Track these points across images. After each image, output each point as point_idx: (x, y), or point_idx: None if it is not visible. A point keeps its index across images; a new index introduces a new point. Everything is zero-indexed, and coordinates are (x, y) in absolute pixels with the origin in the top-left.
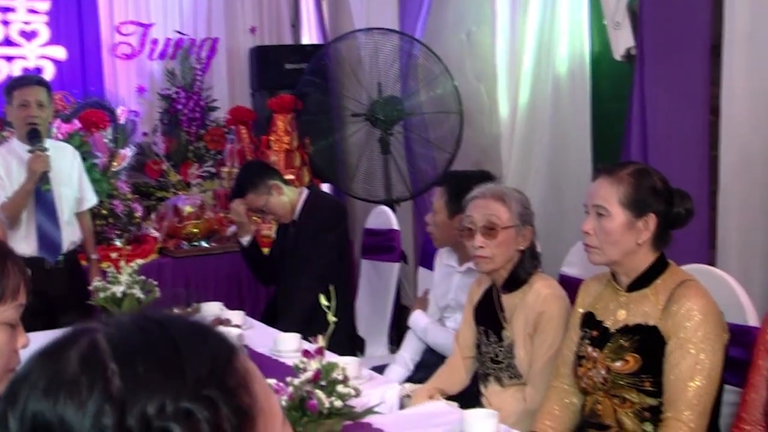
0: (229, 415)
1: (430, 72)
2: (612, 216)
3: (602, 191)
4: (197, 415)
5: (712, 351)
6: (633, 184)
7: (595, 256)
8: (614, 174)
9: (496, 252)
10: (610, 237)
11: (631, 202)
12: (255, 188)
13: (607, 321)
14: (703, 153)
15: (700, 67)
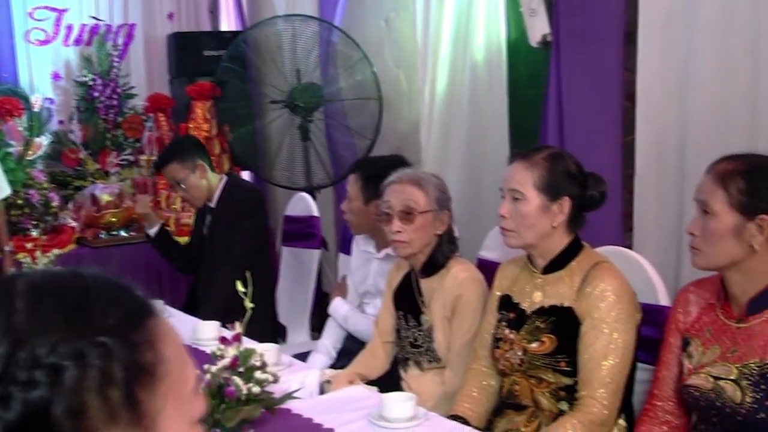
0: (124, 366)
1: (349, 58)
2: (527, 200)
3: (517, 175)
4: (89, 358)
5: (625, 330)
6: (547, 168)
7: (511, 240)
8: (529, 158)
9: (414, 236)
10: (526, 220)
11: (546, 185)
12: (182, 160)
13: (523, 303)
14: (617, 138)
15: (615, 54)
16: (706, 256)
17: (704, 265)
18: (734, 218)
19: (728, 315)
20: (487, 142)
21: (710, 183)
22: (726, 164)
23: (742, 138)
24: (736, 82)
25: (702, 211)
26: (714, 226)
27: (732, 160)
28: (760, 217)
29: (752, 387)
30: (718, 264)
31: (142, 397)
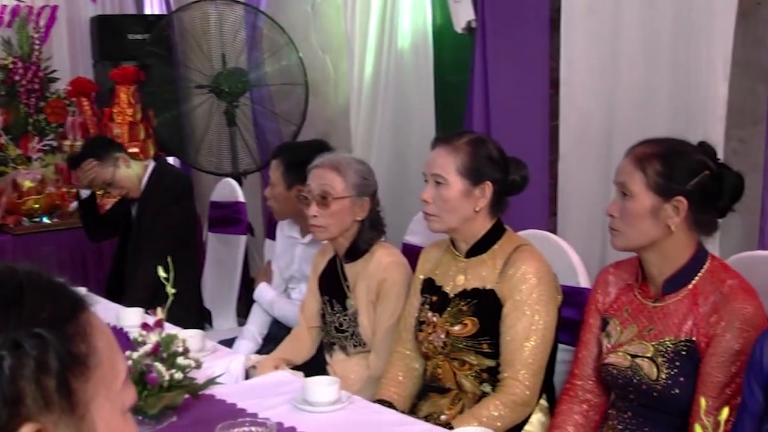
0: (58, 356)
1: (275, 43)
2: (450, 184)
3: (440, 160)
4: (25, 348)
5: (546, 312)
6: (470, 153)
7: (434, 224)
8: (451, 143)
9: (330, 221)
10: (448, 205)
11: (468, 170)
12: (100, 159)
13: (446, 286)
14: (543, 123)
15: (540, 40)
16: (625, 237)
17: (623, 246)
18: (652, 200)
19: (645, 295)
20: (413, 127)
21: (629, 165)
22: (644, 147)
23: (663, 123)
24: (658, 68)
25: (621, 193)
26: (632, 208)
27: (650, 143)
28: (676, 198)
29: (667, 364)
30: (637, 244)
31: (75, 386)
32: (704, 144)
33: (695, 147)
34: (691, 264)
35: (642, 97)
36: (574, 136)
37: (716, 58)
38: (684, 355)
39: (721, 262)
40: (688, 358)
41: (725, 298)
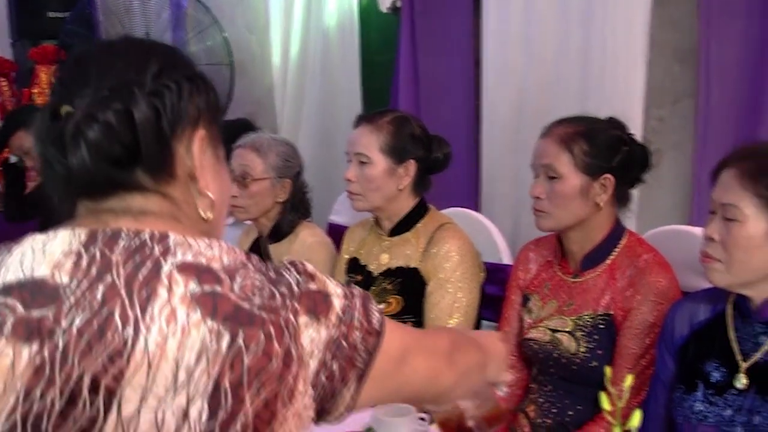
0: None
1: (200, 23)
2: (373, 163)
3: (363, 139)
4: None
5: (469, 289)
6: (393, 131)
7: (358, 203)
8: (374, 122)
9: (250, 202)
10: (372, 184)
11: (392, 149)
12: (27, 127)
13: (370, 265)
14: (468, 102)
15: (464, 19)
16: (555, 218)
17: (552, 227)
18: (580, 179)
19: (565, 271)
20: (339, 106)
21: (553, 146)
22: (565, 127)
23: (574, 103)
24: (572, 48)
25: (546, 175)
26: (561, 189)
27: (569, 123)
28: (603, 176)
29: (586, 337)
30: (566, 224)
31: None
32: (613, 119)
33: (607, 123)
34: (609, 240)
35: (555, 78)
36: (495, 115)
37: (635, 39)
38: (602, 329)
39: (638, 237)
40: (605, 331)
41: (641, 272)
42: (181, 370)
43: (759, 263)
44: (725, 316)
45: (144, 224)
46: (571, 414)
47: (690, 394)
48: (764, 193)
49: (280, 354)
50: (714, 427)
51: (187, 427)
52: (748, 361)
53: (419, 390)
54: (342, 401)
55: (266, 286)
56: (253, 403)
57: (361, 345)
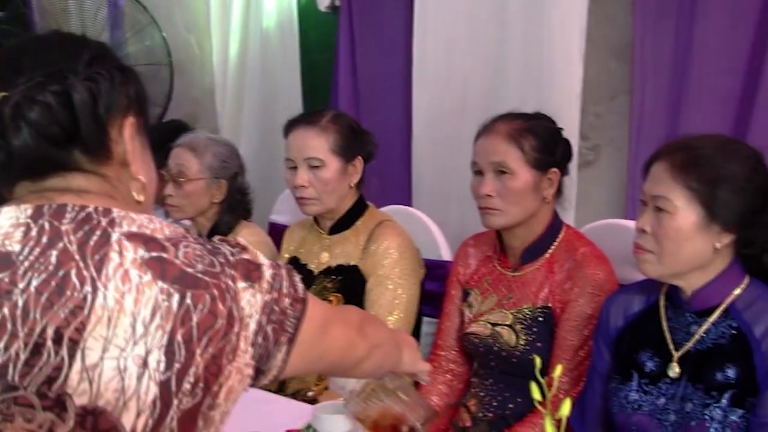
0: (137, 86)
1: (138, 22)
2: (327, 165)
3: (312, 142)
4: (128, 74)
5: (409, 286)
6: (339, 131)
7: (313, 207)
8: (317, 124)
9: (185, 202)
10: (329, 186)
11: (341, 148)
12: None
13: (311, 264)
14: (406, 101)
15: (401, 18)
16: (508, 215)
17: (504, 224)
18: (532, 175)
19: (504, 265)
20: (280, 106)
21: (502, 144)
22: (510, 124)
23: (513, 100)
24: (510, 45)
25: (496, 172)
26: (513, 185)
27: (512, 119)
28: (551, 170)
29: (525, 330)
30: (518, 220)
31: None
32: (541, 113)
33: (543, 117)
34: (548, 234)
35: (493, 75)
36: (427, 113)
37: (572, 35)
38: (541, 321)
39: (575, 231)
40: (544, 324)
41: (578, 265)
42: (138, 323)
43: (689, 254)
44: (658, 307)
45: (86, 201)
46: (511, 407)
47: (625, 384)
48: (694, 185)
49: (224, 314)
50: (648, 415)
51: (147, 375)
52: (680, 351)
53: (338, 358)
54: (275, 363)
55: (206, 255)
56: (203, 357)
57: (290, 311)
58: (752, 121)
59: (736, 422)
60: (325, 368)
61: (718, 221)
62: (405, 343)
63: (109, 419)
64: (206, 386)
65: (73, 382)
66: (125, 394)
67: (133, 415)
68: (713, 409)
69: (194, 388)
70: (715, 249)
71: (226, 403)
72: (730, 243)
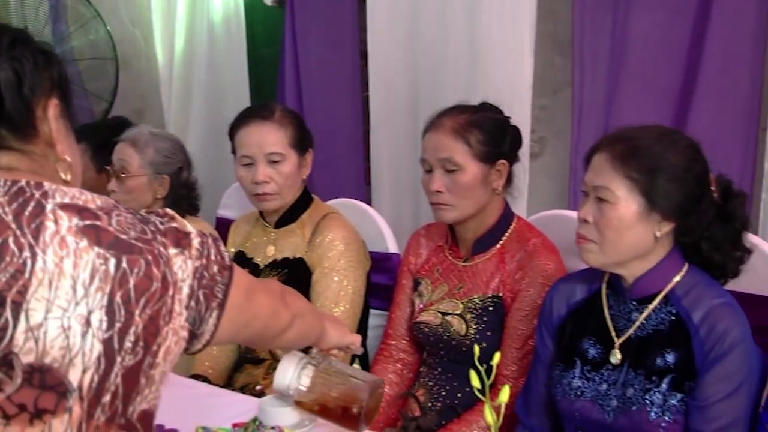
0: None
1: (82, 16)
2: (288, 160)
3: (271, 137)
4: (51, 57)
5: (355, 278)
6: (294, 124)
7: (274, 203)
8: (271, 118)
9: (127, 197)
10: (289, 180)
11: (297, 141)
12: None
13: (257, 258)
14: (354, 95)
15: (348, 12)
16: (459, 209)
17: (455, 218)
18: (480, 168)
19: (456, 255)
20: (227, 101)
21: (448, 139)
22: (455, 118)
23: (463, 93)
24: (456, 40)
25: (444, 168)
26: (462, 180)
27: (457, 113)
28: (499, 162)
29: (475, 319)
30: (469, 214)
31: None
32: (487, 104)
33: (488, 108)
34: (499, 225)
35: (443, 67)
36: (383, 106)
37: (521, 29)
38: (491, 311)
39: (526, 222)
40: (494, 313)
41: (529, 255)
42: (79, 285)
43: (630, 243)
44: (600, 295)
45: (16, 177)
46: (460, 396)
47: (568, 371)
48: (634, 175)
49: (159, 278)
50: (591, 401)
51: (91, 333)
52: (621, 337)
53: (264, 325)
54: (207, 328)
55: (137, 223)
56: (141, 317)
57: (219, 277)
58: (691, 112)
59: (676, 406)
60: (252, 335)
61: (658, 210)
62: (327, 318)
63: (56, 375)
64: (146, 345)
65: (19, 342)
66: (71, 351)
67: (80, 371)
68: (653, 393)
69: (135, 347)
70: (656, 237)
71: (165, 363)
72: (670, 231)
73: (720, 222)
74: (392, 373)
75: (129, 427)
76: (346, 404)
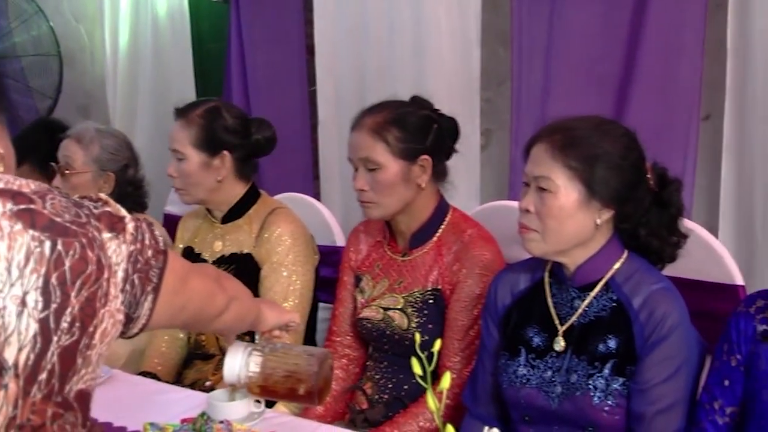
0: None
1: (23, 11)
2: (188, 159)
3: (177, 135)
4: None
5: (303, 272)
6: (203, 125)
7: (184, 197)
8: (186, 116)
9: (71, 194)
10: (191, 179)
11: (203, 142)
12: None
13: (205, 253)
14: (301, 89)
15: (294, 7)
16: (382, 207)
17: (381, 215)
18: (400, 165)
19: (394, 250)
20: (173, 97)
21: (367, 139)
22: (375, 117)
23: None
24: (404, 34)
25: (366, 167)
26: (383, 178)
27: (378, 112)
28: (421, 158)
29: (416, 313)
30: (394, 210)
31: None
32: (418, 98)
33: (414, 103)
34: (434, 218)
35: (391, 62)
36: (331, 101)
37: (469, 23)
38: (431, 304)
39: (462, 213)
40: (434, 306)
41: (466, 246)
42: (14, 267)
43: (572, 231)
44: (543, 283)
45: None
46: (406, 388)
47: (513, 359)
48: (573, 164)
49: (94, 260)
50: (536, 388)
51: (27, 313)
52: (564, 325)
53: (200, 308)
54: (143, 312)
55: (71, 207)
56: (78, 299)
57: (153, 261)
58: (632, 102)
59: (618, 390)
60: (189, 319)
61: (598, 198)
62: (262, 300)
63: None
64: (83, 326)
65: None
66: (6, 330)
67: (15, 349)
68: (596, 378)
69: (72, 327)
70: (596, 225)
71: (101, 344)
72: (610, 219)
73: (657, 208)
74: (338, 369)
75: (66, 406)
76: (298, 382)
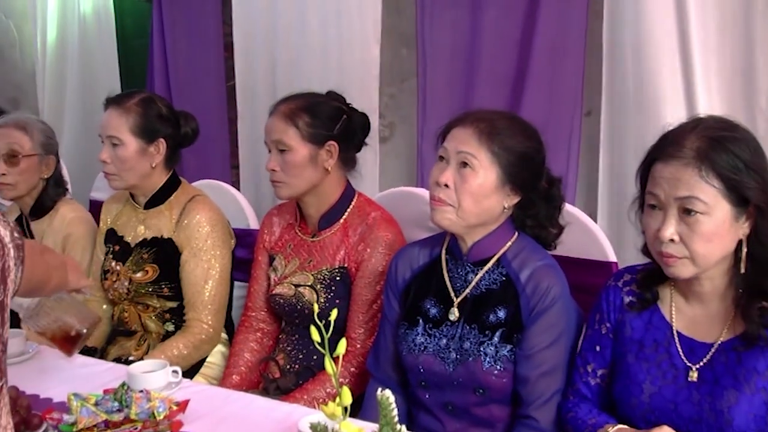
0: None
1: None
2: (125, 144)
3: (113, 122)
4: None
5: (222, 256)
6: (141, 113)
7: (114, 183)
8: (122, 105)
9: (19, 179)
10: (126, 164)
11: (141, 129)
12: None
13: (127, 236)
14: (219, 84)
15: (213, 8)
16: (290, 187)
17: (289, 195)
18: (308, 149)
19: (305, 232)
20: (99, 90)
21: (280, 123)
22: (289, 104)
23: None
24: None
25: (277, 149)
26: (292, 160)
27: (293, 100)
28: (328, 143)
29: (325, 289)
30: (302, 191)
31: None
32: (332, 93)
33: (327, 96)
34: (341, 201)
35: (299, 59)
36: (247, 95)
37: (367, 24)
38: (338, 281)
39: (366, 197)
40: (341, 283)
41: (370, 227)
42: None
43: (484, 210)
44: (440, 260)
45: None
46: (315, 358)
47: (412, 329)
48: (496, 150)
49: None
50: (433, 355)
51: None
52: (459, 297)
53: (40, 278)
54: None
55: None
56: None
57: (19, 240)
58: (525, 99)
59: (506, 356)
60: (31, 288)
61: (510, 184)
62: (68, 266)
63: None
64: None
65: None
66: None
67: None
68: (487, 345)
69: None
70: (504, 209)
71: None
72: (513, 205)
73: (543, 202)
74: (253, 342)
75: None
76: (67, 329)
